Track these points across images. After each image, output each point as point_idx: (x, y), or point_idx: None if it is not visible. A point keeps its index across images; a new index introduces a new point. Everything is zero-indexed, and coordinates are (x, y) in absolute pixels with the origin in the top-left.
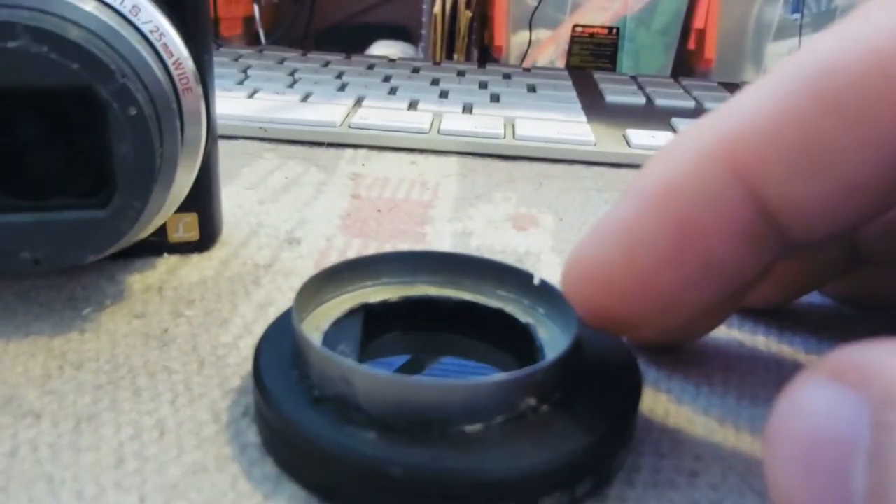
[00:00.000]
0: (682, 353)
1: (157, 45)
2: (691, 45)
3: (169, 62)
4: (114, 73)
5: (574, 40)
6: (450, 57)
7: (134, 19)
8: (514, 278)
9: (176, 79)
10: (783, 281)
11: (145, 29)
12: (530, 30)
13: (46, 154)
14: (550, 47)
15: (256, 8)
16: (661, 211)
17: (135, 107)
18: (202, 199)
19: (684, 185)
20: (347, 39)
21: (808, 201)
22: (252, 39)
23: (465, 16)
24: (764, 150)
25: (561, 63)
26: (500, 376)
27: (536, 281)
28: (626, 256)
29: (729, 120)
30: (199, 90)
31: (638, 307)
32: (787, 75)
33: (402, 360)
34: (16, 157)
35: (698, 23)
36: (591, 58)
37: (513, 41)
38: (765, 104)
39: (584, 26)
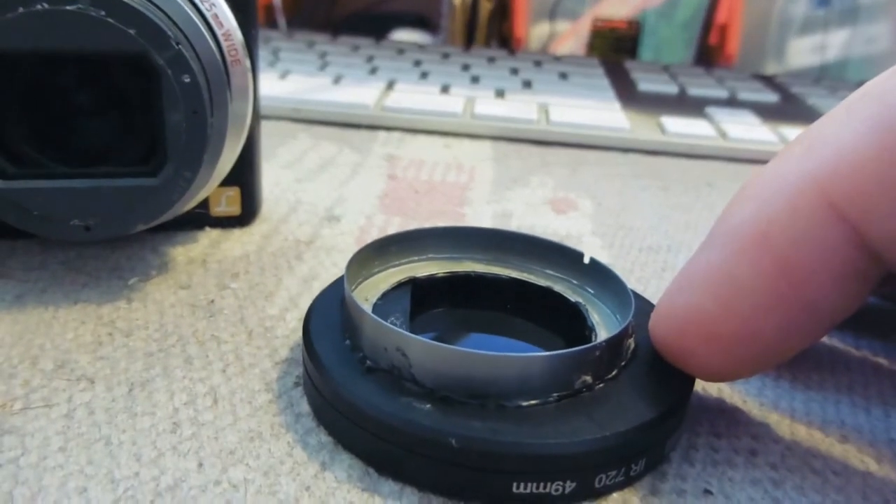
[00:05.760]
0: None
1: (208, 14)
2: (713, 40)
3: (219, 33)
4: (169, 40)
5: (594, 33)
6: (469, 47)
7: None
8: (562, 257)
9: (225, 50)
10: None
11: None
12: (551, 21)
13: (99, 122)
14: (570, 39)
15: None
16: (759, 255)
17: (188, 75)
18: (245, 174)
19: (780, 227)
20: (366, 28)
21: None
22: (271, 28)
23: (485, 6)
24: (864, 187)
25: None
26: (556, 352)
27: (587, 259)
28: (724, 305)
29: (818, 155)
30: (247, 63)
31: (739, 356)
32: (873, 107)
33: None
34: (69, 124)
35: (721, 17)
36: (612, 51)
37: (532, 32)
38: (856, 139)
39: (604, 19)
